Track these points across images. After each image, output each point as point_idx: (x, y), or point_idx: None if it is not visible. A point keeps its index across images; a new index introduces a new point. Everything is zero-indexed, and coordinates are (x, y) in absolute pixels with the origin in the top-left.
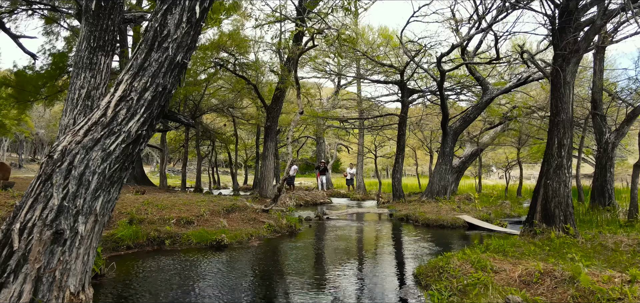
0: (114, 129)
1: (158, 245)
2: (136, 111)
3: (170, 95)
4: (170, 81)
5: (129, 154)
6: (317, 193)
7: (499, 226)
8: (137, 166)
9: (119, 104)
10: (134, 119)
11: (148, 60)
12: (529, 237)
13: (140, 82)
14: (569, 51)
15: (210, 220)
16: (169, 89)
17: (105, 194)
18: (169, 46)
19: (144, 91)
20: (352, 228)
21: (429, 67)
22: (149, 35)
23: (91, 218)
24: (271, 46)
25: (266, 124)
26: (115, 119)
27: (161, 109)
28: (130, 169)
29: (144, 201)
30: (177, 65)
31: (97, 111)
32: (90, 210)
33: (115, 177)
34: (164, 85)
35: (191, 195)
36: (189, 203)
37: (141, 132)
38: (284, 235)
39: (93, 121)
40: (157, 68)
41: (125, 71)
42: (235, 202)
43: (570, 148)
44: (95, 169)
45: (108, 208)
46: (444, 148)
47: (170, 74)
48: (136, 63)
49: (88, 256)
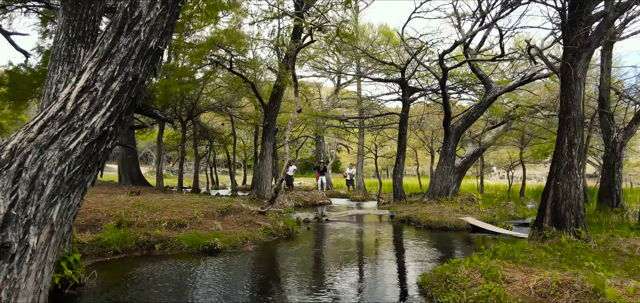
0: (74, 125)
1: (147, 250)
2: (101, 104)
3: (143, 86)
4: (142, 69)
5: (92, 154)
6: (317, 194)
7: (504, 229)
8: (134, 166)
9: (80, 96)
10: (99, 113)
11: (116, 45)
12: (539, 241)
13: (107, 71)
14: (579, 46)
15: (204, 223)
16: (141, 79)
17: (63, 200)
18: (141, 29)
19: (110, 81)
20: (351, 231)
21: (430, 65)
22: (118, 17)
23: (46, 228)
24: (269, 43)
25: (264, 123)
26: (76, 113)
27: (132, 102)
28: (96, 171)
29: (136, 203)
30: (150, 52)
31: (55, 103)
32: (44, 219)
33: (76, 180)
34: (134, 74)
35: (187, 196)
36: (183, 205)
37: (107, 128)
38: (281, 238)
39: (50, 116)
40: (126, 55)
41: (89, 58)
42: (230, 204)
43: (582, 148)
44: (51, 171)
45: (67, 216)
46: (446, 147)
47: (142, 62)
48: (102, 49)
49: (42, 273)
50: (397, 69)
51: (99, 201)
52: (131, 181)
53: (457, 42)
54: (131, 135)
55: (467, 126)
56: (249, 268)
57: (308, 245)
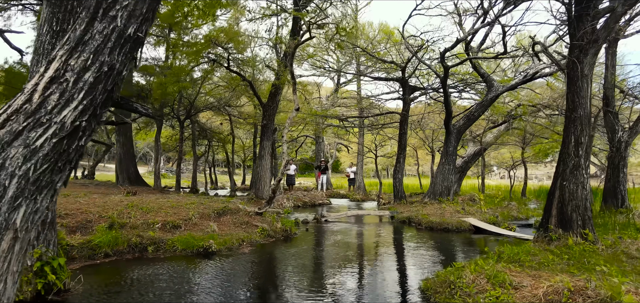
0: (41, 120)
1: (140, 252)
2: (73, 96)
3: (121, 77)
4: (120, 59)
5: (63, 152)
6: (316, 194)
7: (507, 230)
8: (131, 166)
9: (49, 87)
10: (70, 106)
11: (90, 32)
12: (544, 244)
13: (79, 60)
14: (586, 41)
15: (199, 224)
16: (118, 70)
17: (28, 203)
18: (118, 14)
19: (83, 71)
20: (351, 232)
21: (431, 64)
22: (92, 1)
23: (8, 234)
24: (268, 42)
25: (262, 123)
26: (44, 107)
27: (108, 95)
28: (69, 171)
29: (129, 204)
30: (128, 39)
31: (20, 96)
32: (6, 224)
33: (44, 181)
34: (110, 64)
35: (183, 197)
36: (178, 206)
37: (80, 123)
38: (279, 240)
39: (14, 109)
40: (101, 42)
41: (59, 45)
42: (227, 204)
43: (589, 147)
44: (15, 171)
45: (34, 220)
46: (447, 147)
47: (119, 50)
48: (74, 36)
49: (5, 285)
50: (397, 68)
51: (92, 201)
52: (129, 182)
53: (458, 40)
54: (129, 135)
55: (468, 125)
56: (244, 271)
57: (306, 247)
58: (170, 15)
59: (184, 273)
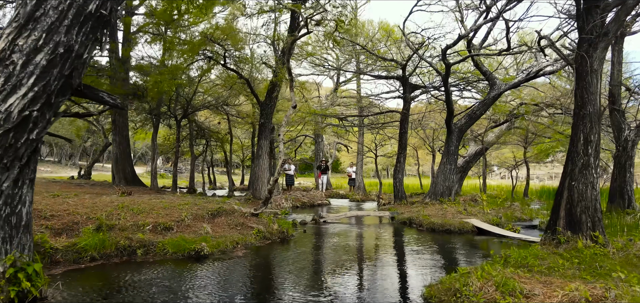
0: None
1: (128, 256)
2: (21, 81)
3: (82, 61)
4: (80, 39)
5: (9, 147)
6: (316, 194)
7: (512, 232)
8: (128, 165)
9: None
10: (17, 93)
11: (43, 6)
12: (552, 246)
13: (29, 40)
14: (596, 35)
15: (193, 226)
16: (78, 52)
17: None
18: None
19: (34, 52)
20: (350, 234)
21: (432, 61)
22: None
23: None
24: (265, 39)
25: (260, 121)
26: None
27: (66, 81)
28: (18, 169)
29: (120, 205)
30: (89, 17)
31: None
32: None
33: None
34: (67, 45)
35: (179, 197)
36: (171, 207)
37: (30, 113)
38: (275, 242)
39: None
40: (56, 19)
41: (7, 23)
42: (221, 205)
43: (598, 145)
44: None
45: None
46: (449, 146)
47: (78, 29)
48: (24, 11)
49: None
50: (397, 66)
51: (81, 202)
52: (125, 182)
53: (460, 36)
54: (125, 134)
55: (470, 124)
56: (237, 276)
57: (303, 249)
58: (164, 12)
59: (172, 278)
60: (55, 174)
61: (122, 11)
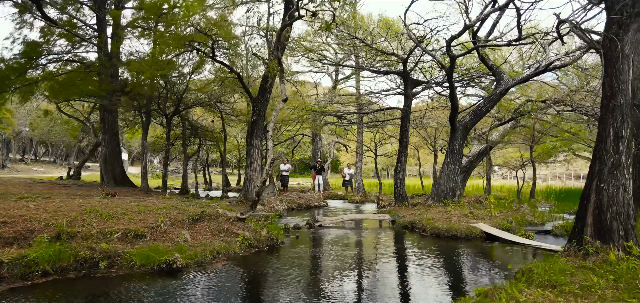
0: None
1: (88, 270)
2: None
3: None
4: None
5: None
6: (313, 195)
7: (525, 238)
8: (117, 165)
9: None
10: None
11: None
12: (579, 258)
13: None
14: (627, 15)
15: (170, 233)
16: None
17: None
18: None
19: None
20: (347, 241)
21: (435, 54)
22: None
23: None
24: (258, 31)
25: (252, 118)
26: None
27: None
28: None
29: (88, 209)
30: None
31: None
32: None
33: None
34: None
35: (164, 199)
36: (148, 211)
37: None
38: (262, 250)
39: None
40: None
41: None
42: (204, 209)
43: (630, 141)
44: None
45: None
46: (453, 145)
47: None
48: None
49: None
50: (398, 61)
51: (43, 206)
52: (114, 182)
53: (466, 26)
54: (115, 132)
55: (475, 121)
56: (210, 295)
57: (293, 260)
58: (153, 5)
59: (133, 297)
60: (48, 174)
61: (111, 5)
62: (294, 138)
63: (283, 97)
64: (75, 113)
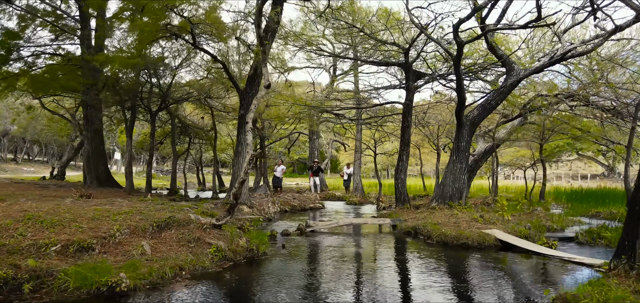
0: None
1: (8, 293)
2: None
3: None
4: None
5: None
6: (309, 197)
7: (547, 247)
8: (101, 164)
9: None
10: None
11: None
12: (631, 280)
13: None
14: None
15: (126, 244)
16: None
17: None
18: None
19: None
20: (342, 250)
21: (441, 41)
22: None
23: None
24: (247, 17)
25: (239, 113)
26: None
27: None
28: None
29: (28, 215)
30: None
31: None
32: None
33: None
34: None
35: (140, 201)
36: (105, 216)
37: None
38: (238, 264)
39: None
40: None
41: None
42: (174, 214)
43: None
44: None
45: None
46: (459, 141)
47: None
48: None
49: None
50: (399, 52)
51: None
52: (98, 182)
53: (475, 8)
54: (98, 129)
55: (484, 116)
56: None
57: (273, 277)
58: None
59: None
60: (37, 174)
61: None
62: (290, 137)
63: (265, 83)
64: (58, 110)
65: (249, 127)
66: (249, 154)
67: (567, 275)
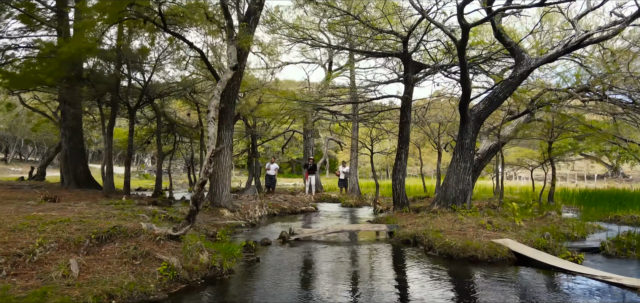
0: None
1: None
2: None
3: None
4: None
5: None
6: (302, 198)
7: (573, 262)
8: (80, 164)
9: None
10: None
11: None
12: None
13: None
14: None
15: (48, 262)
16: None
17: None
18: None
19: None
20: (327, 264)
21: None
22: None
23: None
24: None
25: (219, 106)
26: None
27: None
28: None
29: None
30: None
31: None
32: None
33: None
34: None
35: (107, 205)
36: (32, 226)
37: None
38: (193, 286)
39: None
40: None
41: None
42: (121, 223)
43: None
44: None
45: None
46: (463, 138)
47: None
48: None
49: None
50: (397, 41)
51: None
52: (76, 183)
53: None
54: (77, 127)
55: (490, 110)
56: None
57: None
58: None
59: None
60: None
61: None
62: (285, 135)
63: (231, 64)
64: (39, 106)
65: (211, 117)
66: (210, 148)
67: (603, 300)
